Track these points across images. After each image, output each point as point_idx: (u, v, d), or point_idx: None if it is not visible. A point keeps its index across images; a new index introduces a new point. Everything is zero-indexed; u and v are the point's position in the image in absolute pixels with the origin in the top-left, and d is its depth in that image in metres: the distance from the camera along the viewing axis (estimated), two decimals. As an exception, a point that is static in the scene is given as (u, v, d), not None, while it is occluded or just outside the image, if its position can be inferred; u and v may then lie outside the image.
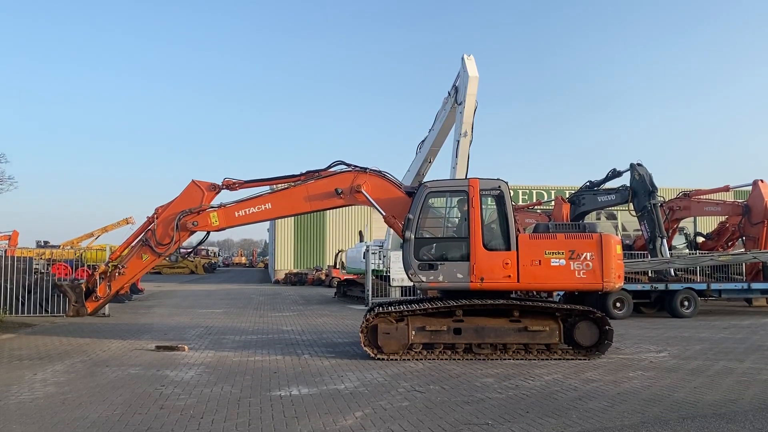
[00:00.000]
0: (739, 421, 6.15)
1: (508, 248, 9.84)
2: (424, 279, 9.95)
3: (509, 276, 9.77)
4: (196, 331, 13.62)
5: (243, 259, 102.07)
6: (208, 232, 11.79)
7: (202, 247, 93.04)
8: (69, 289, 11.44)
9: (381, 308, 10.20)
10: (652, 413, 6.46)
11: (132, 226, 55.65)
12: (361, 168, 10.90)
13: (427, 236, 10.34)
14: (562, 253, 9.76)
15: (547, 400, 7.09)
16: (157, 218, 11.08)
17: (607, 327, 9.81)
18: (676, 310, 17.17)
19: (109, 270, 11.29)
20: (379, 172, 10.93)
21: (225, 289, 33.15)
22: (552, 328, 9.84)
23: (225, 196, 11.41)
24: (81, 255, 26.83)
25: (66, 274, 20.17)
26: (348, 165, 11.00)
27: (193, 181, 11.28)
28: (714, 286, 18.18)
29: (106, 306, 16.82)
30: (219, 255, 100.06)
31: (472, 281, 9.79)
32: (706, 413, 6.46)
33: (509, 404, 6.88)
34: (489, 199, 10.21)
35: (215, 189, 11.25)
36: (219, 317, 17.08)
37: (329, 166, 11.07)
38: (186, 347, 10.94)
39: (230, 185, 11.37)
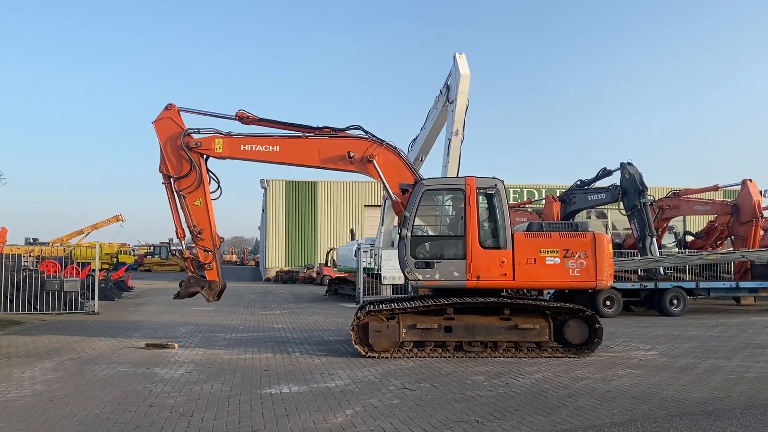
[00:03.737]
0: (727, 418, 6.20)
1: (505, 246, 9.88)
2: (420, 277, 9.96)
3: (505, 274, 9.81)
4: (186, 329, 13.58)
5: (234, 257, 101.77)
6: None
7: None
8: (193, 283, 11.21)
9: (372, 306, 10.20)
10: (640, 411, 6.50)
11: (122, 224, 55.63)
12: (378, 139, 10.80)
13: (424, 234, 10.35)
14: (557, 251, 9.82)
15: (537, 397, 7.12)
16: (165, 165, 10.88)
17: (596, 325, 9.86)
18: (665, 308, 17.28)
19: (195, 238, 11.10)
20: (396, 149, 10.84)
21: (216, 286, 32.98)
22: (542, 326, 9.88)
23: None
24: (70, 252, 26.67)
25: (55, 272, 20.08)
26: (366, 132, 10.89)
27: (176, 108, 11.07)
28: (703, 284, 18.32)
29: (96, 304, 16.79)
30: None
31: (468, 279, 9.83)
32: (694, 411, 6.50)
33: (499, 402, 6.90)
34: (485, 197, 10.25)
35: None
36: (209, 315, 17.03)
37: (347, 128, 10.94)
38: (176, 345, 10.89)
39: (243, 117, 11.13)
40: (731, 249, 21.35)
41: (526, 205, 32.26)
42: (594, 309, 13.96)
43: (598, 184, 22.77)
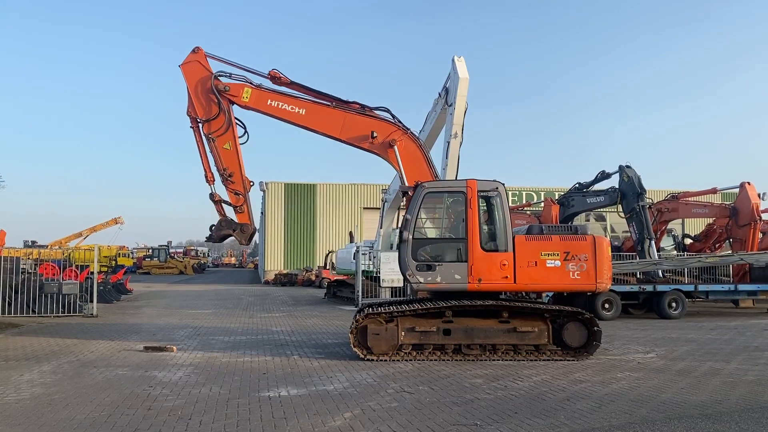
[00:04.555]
0: (725, 421, 6.20)
1: (506, 249, 9.89)
2: (422, 280, 9.96)
3: (506, 277, 9.81)
4: (185, 332, 13.56)
5: (233, 260, 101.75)
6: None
7: (192, 248, 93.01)
8: (225, 225, 11.28)
9: (371, 309, 10.19)
10: (639, 414, 6.50)
11: (121, 226, 55.56)
12: (404, 126, 10.85)
13: (425, 237, 10.36)
14: (557, 254, 9.83)
15: (535, 400, 7.12)
16: (193, 108, 10.96)
17: (595, 328, 9.86)
18: (664, 311, 17.28)
19: (224, 181, 11.18)
20: (419, 140, 10.89)
21: (214, 289, 33.02)
22: (541, 329, 9.88)
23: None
24: (69, 255, 26.65)
25: (53, 274, 20.04)
26: (394, 117, 10.94)
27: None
28: (701, 287, 18.33)
29: (94, 306, 16.77)
30: (208, 255, 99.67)
31: (470, 282, 9.82)
32: (693, 414, 6.50)
33: (498, 405, 6.89)
34: (486, 200, 10.25)
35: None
36: (208, 318, 17.01)
37: (375, 108, 10.99)
38: (174, 348, 10.88)
39: (276, 77, 11.24)
40: (730, 252, 21.38)
41: (525, 208, 32.28)
42: (593, 312, 13.99)
43: (597, 186, 22.78)
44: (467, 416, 6.41)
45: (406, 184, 10.55)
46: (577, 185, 23.43)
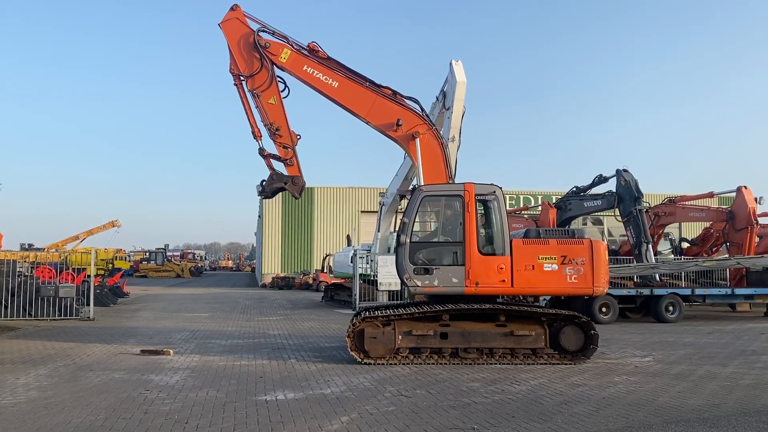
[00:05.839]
0: (722, 425, 6.21)
1: (503, 253, 9.90)
2: (419, 284, 9.95)
3: (504, 281, 9.82)
4: (182, 335, 13.53)
5: (230, 263, 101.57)
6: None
7: (189, 251, 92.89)
8: (276, 179, 11.59)
9: (368, 312, 10.19)
10: (636, 418, 6.50)
11: (118, 229, 55.44)
12: (430, 121, 10.99)
13: (423, 240, 10.35)
14: (555, 258, 9.85)
15: (532, 404, 7.12)
16: (235, 64, 11.12)
17: (592, 331, 9.87)
18: (661, 314, 17.30)
19: (272, 135, 11.38)
20: (442, 138, 11.00)
21: (211, 292, 32.97)
22: (538, 333, 9.88)
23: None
24: (66, 258, 26.57)
25: (50, 277, 19.98)
26: (423, 110, 11.08)
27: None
28: (698, 291, 18.34)
29: (91, 310, 16.72)
30: (205, 258, 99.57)
31: (467, 286, 9.83)
32: (690, 418, 6.51)
33: (495, 409, 6.89)
34: (484, 203, 10.26)
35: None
36: (205, 321, 16.98)
37: (406, 97, 11.14)
38: (171, 351, 10.85)
39: (314, 50, 11.46)
40: (727, 256, 21.41)
41: (522, 212, 32.30)
42: (590, 316, 13.97)
43: (594, 190, 22.83)
44: (464, 420, 6.40)
45: (422, 180, 10.63)
46: (574, 189, 23.48)
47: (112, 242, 59.51)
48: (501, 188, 10.23)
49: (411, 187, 11.66)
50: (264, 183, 11.59)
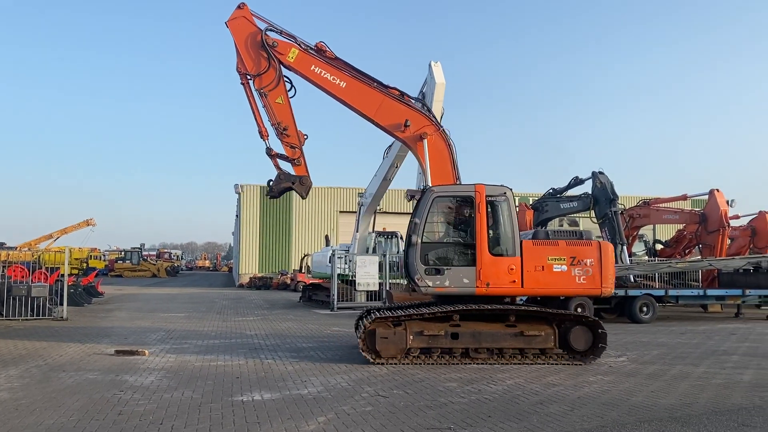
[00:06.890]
0: (694, 424, 6.32)
1: (513, 254, 9.96)
2: (430, 284, 9.96)
3: (514, 281, 9.88)
4: (157, 335, 13.38)
5: (207, 263, 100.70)
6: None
7: (165, 250, 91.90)
8: (284, 178, 11.46)
9: (379, 313, 10.17)
10: (610, 417, 6.59)
11: (93, 228, 54.67)
12: (438, 122, 10.95)
13: (434, 241, 10.38)
14: (564, 259, 9.94)
15: (509, 404, 7.17)
16: (243, 63, 11.04)
17: (600, 330, 9.97)
18: (635, 315, 17.54)
19: (279, 135, 11.30)
20: (450, 140, 10.98)
21: (188, 292, 32.65)
22: (547, 333, 9.94)
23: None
24: (39, 257, 26.10)
25: (22, 277, 19.65)
26: (430, 111, 11.05)
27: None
28: (672, 292, 18.62)
29: (64, 309, 16.46)
30: (182, 258, 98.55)
31: (478, 286, 9.87)
32: (662, 417, 6.61)
33: (471, 408, 6.93)
34: (493, 205, 10.29)
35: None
36: (181, 321, 16.81)
37: (413, 98, 11.11)
38: (146, 351, 10.73)
39: (322, 50, 11.43)
40: (699, 257, 21.79)
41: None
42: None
43: (570, 192, 23.07)
44: (441, 420, 6.43)
45: (429, 180, 10.63)
46: (551, 191, 23.70)
47: (86, 241, 58.71)
48: (511, 189, 10.29)
49: (420, 187, 11.66)
50: (271, 183, 11.49)
